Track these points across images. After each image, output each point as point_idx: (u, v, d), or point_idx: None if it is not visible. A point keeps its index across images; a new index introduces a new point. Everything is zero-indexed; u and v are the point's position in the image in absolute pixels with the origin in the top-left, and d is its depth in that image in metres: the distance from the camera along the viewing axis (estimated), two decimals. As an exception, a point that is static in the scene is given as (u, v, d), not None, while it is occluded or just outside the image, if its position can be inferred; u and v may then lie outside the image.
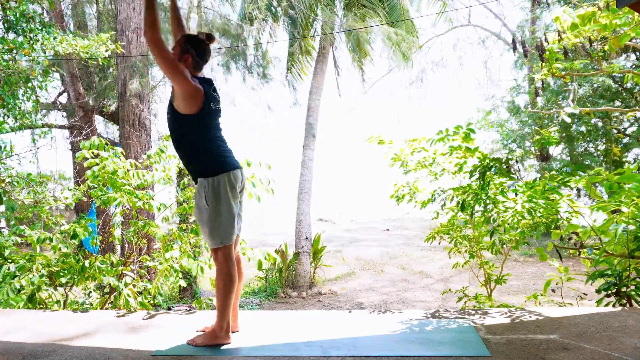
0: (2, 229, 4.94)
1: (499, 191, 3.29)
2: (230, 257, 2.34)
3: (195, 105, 2.28)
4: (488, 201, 3.41)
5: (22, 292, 3.35)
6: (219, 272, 2.32)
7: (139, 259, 4.07)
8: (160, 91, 11.58)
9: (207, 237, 2.35)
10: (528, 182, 3.27)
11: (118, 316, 2.92)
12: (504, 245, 4.04)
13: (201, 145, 2.34)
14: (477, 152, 3.48)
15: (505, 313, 2.75)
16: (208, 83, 2.39)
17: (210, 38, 2.43)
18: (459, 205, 3.45)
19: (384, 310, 2.92)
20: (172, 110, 2.34)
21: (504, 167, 3.12)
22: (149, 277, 6.77)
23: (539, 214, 3.34)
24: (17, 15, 4.66)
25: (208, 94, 2.33)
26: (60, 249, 3.60)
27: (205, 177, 2.32)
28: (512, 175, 3.19)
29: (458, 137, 3.47)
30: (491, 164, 3.17)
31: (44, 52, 5.26)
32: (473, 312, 2.83)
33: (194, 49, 2.36)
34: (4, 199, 4.58)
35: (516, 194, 3.31)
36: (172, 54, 2.30)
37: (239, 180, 2.39)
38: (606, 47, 4.04)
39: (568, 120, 3.86)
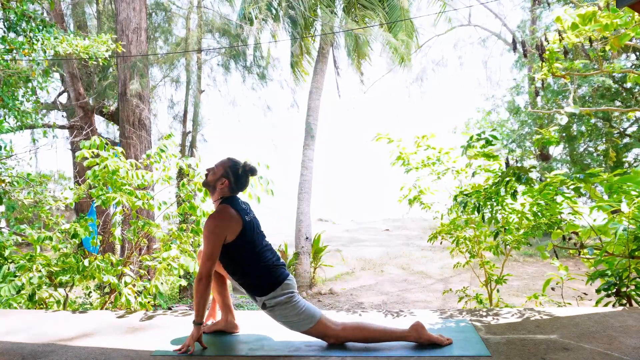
0: (2, 229, 4.93)
1: (509, 194, 3.26)
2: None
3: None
4: (496, 203, 3.41)
5: (22, 291, 3.35)
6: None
7: (139, 259, 4.07)
8: (160, 91, 11.58)
9: (298, 323, 2.29)
10: (533, 185, 3.25)
11: (118, 316, 2.92)
12: (507, 246, 4.04)
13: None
14: (496, 161, 3.52)
15: (506, 313, 2.75)
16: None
17: (253, 172, 2.43)
18: (476, 208, 3.43)
19: (383, 311, 2.92)
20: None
21: (527, 175, 3.06)
22: (149, 277, 6.77)
23: (542, 216, 3.34)
24: (18, 15, 4.65)
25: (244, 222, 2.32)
26: (60, 249, 3.59)
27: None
28: (532, 182, 3.13)
29: (481, 142, 3.52)
30: (518, 172, 3.10)
31: (44, 53, 5.25)
32: (473, 311, 2.83)
33: (233, 178, 2.37)
34: (4, 199, 4.58)
35: (515, 196, 3.30)
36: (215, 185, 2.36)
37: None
38: (607, 47, 4.04)
39: (564, 122, 3.87)
